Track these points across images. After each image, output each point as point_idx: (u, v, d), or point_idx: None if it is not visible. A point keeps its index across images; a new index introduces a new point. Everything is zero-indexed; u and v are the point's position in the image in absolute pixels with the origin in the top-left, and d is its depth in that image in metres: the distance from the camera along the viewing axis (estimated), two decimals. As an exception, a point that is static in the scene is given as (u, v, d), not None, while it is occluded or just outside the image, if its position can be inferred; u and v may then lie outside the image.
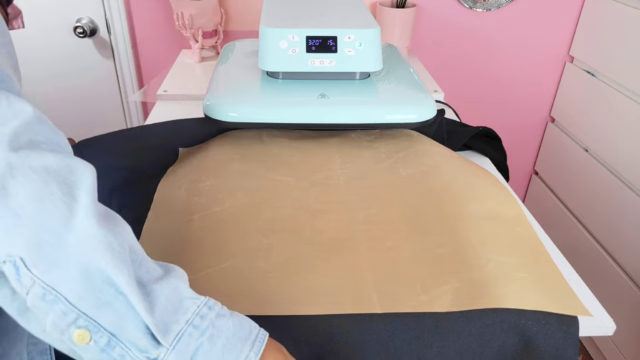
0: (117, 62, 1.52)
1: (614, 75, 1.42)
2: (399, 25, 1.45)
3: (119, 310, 0.34)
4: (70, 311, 0.33)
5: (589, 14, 1.53)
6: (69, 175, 0.35)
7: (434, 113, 0.77)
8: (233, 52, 0.92)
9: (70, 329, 0.34)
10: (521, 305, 0.50)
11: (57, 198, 0.34)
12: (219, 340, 0.36)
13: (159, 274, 0.37)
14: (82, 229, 0.34)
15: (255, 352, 0.38)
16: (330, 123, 0.75)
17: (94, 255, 0.33)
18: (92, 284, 0.33)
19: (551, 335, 0.49)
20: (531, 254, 0.58)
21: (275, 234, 0.58)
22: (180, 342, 0.35)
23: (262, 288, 0.51)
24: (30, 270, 0.33)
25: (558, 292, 0.52)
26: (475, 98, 1.70)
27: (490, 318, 0.49)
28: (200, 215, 0.61)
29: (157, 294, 0.36)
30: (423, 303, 0.50)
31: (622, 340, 1.39)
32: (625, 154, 1.38)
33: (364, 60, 0.76)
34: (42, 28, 1.45)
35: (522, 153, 1.84)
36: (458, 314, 0.49)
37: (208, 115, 0.74)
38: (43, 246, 0.33)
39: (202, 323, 0.36)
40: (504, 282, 0.52)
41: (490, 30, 1.60)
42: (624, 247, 1.38)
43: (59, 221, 0.33)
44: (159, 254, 0.55)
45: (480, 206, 0.64)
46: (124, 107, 1.60)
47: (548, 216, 1.75)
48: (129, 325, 0.34)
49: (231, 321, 0.38)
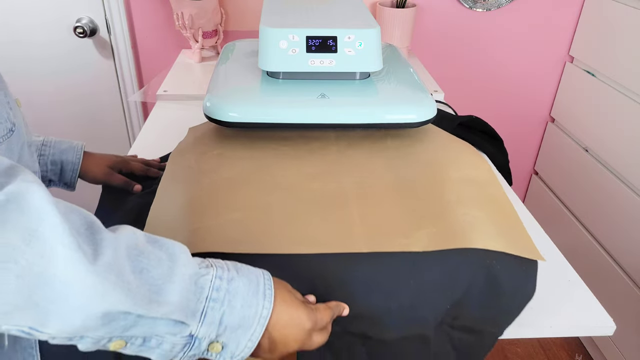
0: (117, 62, 1.52)
1: (614, 75, 1.42)
2: (399, 25, 1.45)
3: (145, 324, 0.37)
4: (100, 339, 0.37)
5: (589, 14, 1.53)
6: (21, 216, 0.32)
7: (434, 113, 0.77)
8: (233, 52, 0.92)
9: (104, 344, 0.37)
10: (488, 247, 0.57)
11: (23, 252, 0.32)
12: (237, 302, 0.41)
13: (166, 267, 0.39)
14: (73, 275, 0.33)
15: (268, 300, 0.43)
16: (330, 123, 0.75)
17: (98, 302, 0.34)
18: (110, 322, 0.35)
19: (513, 273, 0.58)
20: (500, 210, 0.65)
21: (275, 193, 0.65)
22: (207, 316, 0.40)
23: (264, 233, 0.58)
24: (44, 332, 0.34)
25: (520, 241, 0.60)
26: (475, 98, 1.71)
27: (461, 257, 0.57)
28: (209, 180, 0.67)
29: (174, 291, 0.38)
30: (402, 245, 0.57)
31: (622, 340, 1.39)
32: (625, 154, 1.38)
33: (364, 60, 0.76)
34: (42, 28, 1.45)
35: (522, 153, 1.84)
36: (433, 254, 0.57)
37: (208, 115, 0.74)
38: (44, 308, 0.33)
39: (219, 295, 0.41)
40: (475, 229, 0.59)
41: (490, 30, 1.60)
42: (624, 247, 1.38)
43: (50, 275, 0.33)
44: (172, 213, 0.62)
45: (458, 172, 0.72)
46: (124, 107, 1.60)
47: (548, 216, 1.75)
48: (158, 327, 0.38)
49: (241, 281, 0.42)
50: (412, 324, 0.55)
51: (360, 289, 0.54)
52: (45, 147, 0.74)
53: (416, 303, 0.55)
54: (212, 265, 0.42)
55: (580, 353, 1.59)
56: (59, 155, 0.75)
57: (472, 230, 0.59)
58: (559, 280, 0.68)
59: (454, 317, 0.57)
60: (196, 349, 0.41)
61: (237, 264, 0.44)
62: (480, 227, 0.60)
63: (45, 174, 0.74)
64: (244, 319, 0.42)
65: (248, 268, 0.44)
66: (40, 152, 0.73)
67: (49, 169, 0.74)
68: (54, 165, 0.74)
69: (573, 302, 0.65)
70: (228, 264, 0.44)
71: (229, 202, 0.63)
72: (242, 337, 0.42)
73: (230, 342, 0.42)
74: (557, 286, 0.68)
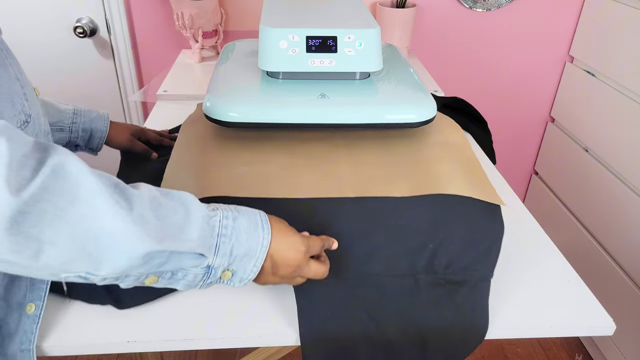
0: (117, 62, 1.52)
1: (614, 75, 1.42)
2: (399, 25, 1.45)
3: (175, 260, 0.45)
4: (140, 276, 0.45)
5: (589, 14, 1.53)
6: None
7: (434, 113, 0.77)
8: (233, 52, 0.92)
9: (142, 281, 0.46)
10: (459, 193, 0.66)
11: None
12: (242, 235, 0.49)
13: (183, 212, 0.46)
14: (116, 226, 0.40)
15: (267, 232, 0.51)
16: (330, 123, 0.75)
17: (139, 245, 0.42)
18: (149, 261, 0.43)
19: (480, 214, 0.66)
20: (470, 167, 0.74)
21: (274, 152, 0.75)
22: (220, 249, 0.48)
23: (261, 182, 0.67)
24: (98, 275, 0.42)
25: (486, 190, 0.69)
26: (475, 98, 1.70)
27: (435, 201, 0.65)
28: (217, 144, 0.77)
29: (193, 230, 0.46)
30: (385, 191, 0.66)
31: (622, 340, 1.39)
32: (625, 154, 1.38)
33: (364, 60, 0.76)
34: (42, 28, 1.45)
35: (522, 153, 1.84)
36: (411, 198, 0.65)
37: (208, 115, 0.74)
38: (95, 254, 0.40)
39: (227, 231, 0.49)
40: (448, 180, 0.68)
41: (490, 30, 1.60)
42: (624, 247, 1.38)
43: (104, 224, 0.40)
44: (184, 172, 0.71)
45: (438, 137, 0.82)
46: (124, 107, 1.60)
47: (548, 216, 1.75)
48: (184, 261, 0.46)
49: (243, 219, 0.50)
50: (394, 262, 0.63)
51: (346, 228, 0.63)
52: (77, 116, 0.82)
53: (397, 241, 0.63)
54: (217, 208, 0.50)
55: (580, 353, 1.59)
56: (89, 123, 0.83)
57: (446, 181, 0.68)
58: (559, 280, 0.69)
59: (445, 266, 0.64)
60: (212, 277, 0.50)
61: (237, 206, 0.52)
62: (453, 179, 0.69)
63: (75, 140, 0.83)
64: (250, 249, 0.50)
65: (246, 209, 0.52)
66: (73, 120, 0.82)
67: (80, 136, 0.83)
68: (85, 132, 0.83)
69: (573, 302, 0.65)
70: (230, 207, 0.51)
71: (232, 161, 0.72)
72: (248, 264, 0.50)
73: (239, 269, 0.50)
74: (557, 286, 0.68)
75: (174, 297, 0.63)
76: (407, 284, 0.63)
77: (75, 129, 0.82)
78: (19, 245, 0.37)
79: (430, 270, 0.64)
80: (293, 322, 0.61)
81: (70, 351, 0.58)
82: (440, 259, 0.64)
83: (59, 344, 0.57)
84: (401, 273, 0.63)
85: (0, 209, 0.35)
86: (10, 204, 0.35)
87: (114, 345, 0.58)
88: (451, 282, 0.64)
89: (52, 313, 0.60)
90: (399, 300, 0.62)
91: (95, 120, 0.84)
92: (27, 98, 0.51)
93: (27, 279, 0.54)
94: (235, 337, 0.59)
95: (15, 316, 0.54)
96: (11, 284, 0.53)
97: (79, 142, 0.83)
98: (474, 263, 0.64)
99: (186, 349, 0.59)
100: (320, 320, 0.60)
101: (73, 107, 0.83)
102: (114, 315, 0.60)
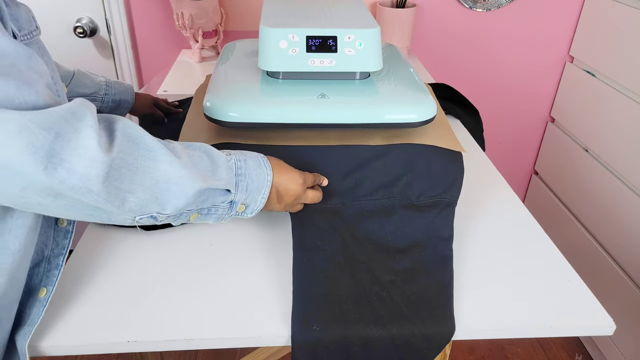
0: (117, 62, 1.52)
1: (614, 75, 1.42)
2: (399, 25, 1.45)
3: (212, 196, 0.57)
4: (189, 214, 0.56)
5: (589, 14, 1.53)
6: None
7: (434, 113, 0.77)
8: (233, 52, 0.92)
9: (187, 218, 0.57)
10: (428, 142, 0.78)
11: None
12: (252, 173, 0.61)
13: (207, 158, 0.56)
14: (173, 172, 0.51)
15: (268, 169, 0.63)
16: (330, 123, 0.75)
17: (191, 186, 0.52)
18: (198, 198, 0.54)
19: (444, 158, 0.78)
20: (438, 123, 0.85)
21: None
22: (239, 186, 0.60)
23: (262, 134, 0.78)
24: (164, 214, 0.53)
25: (452, 141, 0.81)
26: (475, 98, 1.71)
27: (407, 149, 0.77)
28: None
29: (222, 170, 0.57)
30: (365, 141, 0.78)
31: (622, 340, 1.39)
32: (625, 154, 1.38)
33: (364, 60, 0.76)
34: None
35: (522, 153, 1.84)
36: (387, 146, 0.77)
37: (208, 115, 0.74)
38: (164, 198, 0.51)
39: (241, 171, 0.60)
40: (420, 135, 0.80)
41: (490, 30, 1.60)
42: (624, 247, 1.38)
43: (165, 173, 0.51)
44: (197, 129, 0.81)
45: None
46: (124, 107, 1.60)
47: (548, 216, 1.75)
48: (217, 198, 0.58)
49: (250, 160, 0.62)
50: (374, 190, 0.76)
51: (334, 169, 0.75)
52: (109, 87, 0.91)
53: (377, 176, 0.76)
54: (230, 152, 0.61)
55: (580, 353, 1.59)
56: (118, 95, 0.93)
57: (419, 136, 0.80)
58: (559, 280, 0.69)
59: (418, 195, 0.76)
60: (233, 210, 0.61)
61: (242, 151, 0.63)
62: (426, 135, 0.81)
63: (104, 109, 0.92)
64: (259, 184, 0.62)
65: (250, 152, 0.63)
66: (105, 91, 0.91)
67: (109, 106, 0.92)
68: (114, 103, 0.92)
69: (573, 302, 0.65)
70: (237, 152, 0.62)
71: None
72: (257, 196, 0.62)
73: (251, 202, 0.62)
74: (557, 286, 0.68)
75: (174, 297, 0.63)
76: (385, 205, 0.76)
77: (107, 100, 0.91)
78: (111, 196, 0.46)
79: (405, 198, 0.76)
80: (293, 322, 0.61)
81: (70, 351, 0.58)
82: (414, 190, 0.76)
83: (59, 344, 0.57)
84: (380, 197, 0.76)
85: (99, 166, 0.44)
86: (105, 161, 0.44)
87: (114, 345, 0.58)
88: (422, 206, 0.75)
89: (52, 313, 0.60)
90: (377, 219, 0.73)
91: (122, 92, 0.94)
92: (59, 94, 0.56)
93: (46, 265, 0.59)
94: (235, 337, 0.59)
95: (31, 301, 0.56)
96: (32, 271, 0.57)
97: (106, 111, 0.92)
98: (442, 193, 0.77)
99: (186, 349, 0.59)
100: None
101: (104, 78, 0.92)
102: (114, 315, 0.60)
